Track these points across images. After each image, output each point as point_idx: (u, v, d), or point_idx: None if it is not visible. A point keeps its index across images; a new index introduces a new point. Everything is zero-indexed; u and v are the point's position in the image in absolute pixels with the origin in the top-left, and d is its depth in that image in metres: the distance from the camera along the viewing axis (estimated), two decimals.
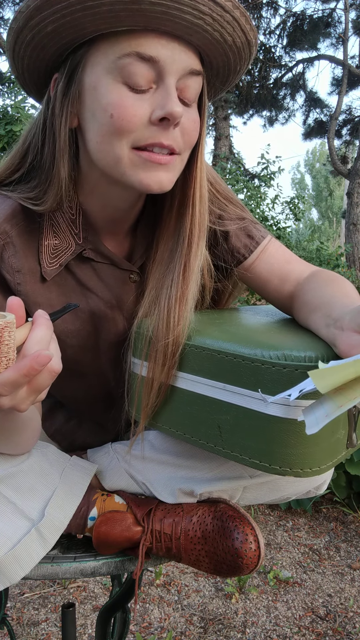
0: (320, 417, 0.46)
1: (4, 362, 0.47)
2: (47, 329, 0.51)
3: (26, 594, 1.71)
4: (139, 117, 0.60)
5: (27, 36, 0.61)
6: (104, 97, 0.60)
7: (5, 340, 0.47)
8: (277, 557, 1.93)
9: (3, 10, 7.83)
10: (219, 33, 0.61)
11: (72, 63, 0.63)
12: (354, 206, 7.84)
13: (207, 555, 0.72)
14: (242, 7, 0.60)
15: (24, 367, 0.47)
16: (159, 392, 0.69)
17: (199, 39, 0.61)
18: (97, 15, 0.57)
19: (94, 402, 0.88)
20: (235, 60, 0.66)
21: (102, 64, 0.60)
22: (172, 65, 0.60)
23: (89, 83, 0.62)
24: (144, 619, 1.59)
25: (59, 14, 0.57)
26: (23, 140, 0.73)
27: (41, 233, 0.71)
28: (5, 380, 0.47)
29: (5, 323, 0.46)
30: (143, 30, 0.58)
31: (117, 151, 0.62)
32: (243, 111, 9.86)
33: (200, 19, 0.58)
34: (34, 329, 0.50)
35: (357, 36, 8.79)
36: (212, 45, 0.62)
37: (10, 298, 0.50)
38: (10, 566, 0.66)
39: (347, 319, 0.55)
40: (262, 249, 0.82)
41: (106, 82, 0.60)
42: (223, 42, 0.62)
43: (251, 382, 0.59)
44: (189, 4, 0.56)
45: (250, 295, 3.67)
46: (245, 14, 0.61)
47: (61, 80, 0.64)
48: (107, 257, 0.76)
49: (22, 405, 0.51)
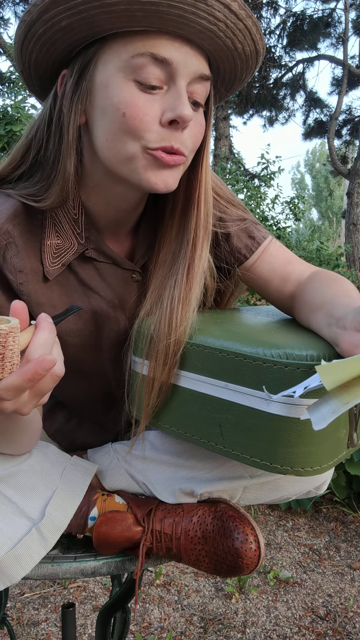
0: (326, 413, 0.46)
1: (8, 367, 0.47)
2: (50, 332, 0.51)
3: (26, 594, 1.71)
4: (150, 116, 0.61)
5: (39, 30, 0.60)
6: (116, 95, 0.61)
7: (9, 346, 0.47)
8: (277, 557, 1.93)
9: (3, 10, 7.83)
10: (231, 40, 0.62)
11: (84, 60, 0.63)
12: (354, 206, 7.84)
13: (207, 555, 0.72)
14: (255, 17, 0.61)
15: (28, 372, 0.47)
16: (160, 392, 0.69)
17: (211, 44, 0.62)
18: (114, 14, 0.57)
19: (94, 402, 0.87)
20: (242, 68, 0.67)
21: (115, 63, 0.60)
22: (184, 68, 0.61)
23: (100, 81, 0.62)
24: (144, 619, 1.59)
25: (75, 9, 0.57)
26: (26, 135, 0.73)
27: (43, 233, 0.71)
28: (9, 385, 0.47)
29: (9, 328, 0.46)
30: (157, 32, 0.59)
31: (130, 150, 0.63)
32: (243, 111, 9.86)
33: (215, 25, 0.59)
34: (37, 332, 0.50)
35: (357, 36, 8.79)
36: (222, 51, 0.63)
37: (14, 302, 0.50)
38: (10, 566, 0.66)
39: (350, 318, 0.55)
40: (263, 249, 0.82)
41: (118, 80, 0.60)
42: (233, 49, 0.63)
43: (253, 381, 0.59)
44: (205, 9, 0.57)
45: (250, 295, 3.67)
46: (257, 23, 0.62)
47: (71, 76, 0.64)
48: (109, 257, 0.76)
49: (25, 409, 0.52)
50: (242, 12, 0.59)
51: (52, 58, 0.65)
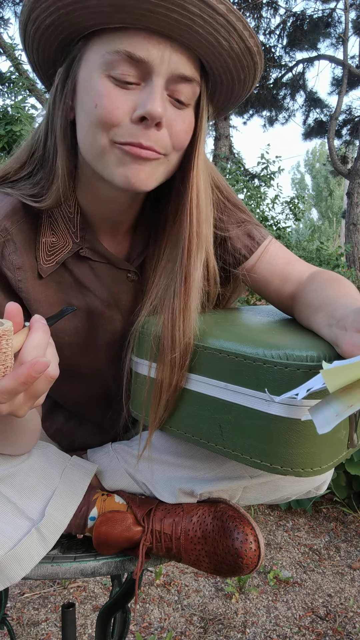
0: (330, 416, 0.46)
1: (2, 370, 0.47)
2: (44, 333, 0.51)
3: (26, 594, 1.71)
4: (121, 110, 0.60)
5: (31, 29, 0.63)
6: (92, 88, 0.61)
7: (2, 349, 0.46)
8: (277, 557, 1.93)
9: (3, 10, 7.83)
10: (213, 36, 0.60)
11: (71, 57, 0.64)
12: (354, 206, 7.84)
13: (207, 555, 0.72)
14: (239, 12, 0.59)
15: (22, 374, 0.47)
16: (167, 403, 0.69)
17: (191, 40, 0.60)
18: (87, 10, 0.58)
19: (92, 402, 0.87)
20: (237, 67, 0.65)
21: (94, 59, 0.61)
22: (161, 65, 0.60)
23: (82, 77, 0.63)
24: (144, 619, 1.59)
25: (53, 7, 0.59)
26: (33, 134, 0.73)
27: (39, 230, 0.71)
28: (4, 389, 0.47)
29: (2, 331, 0.46)
30: (134, 28, 0.59)
31: (100, 143, 0.62)
32: (243, 111, 9.85)
33: (189, 19, 0.57)
34: (30, 334, 0.50)
35: (357, 36, 8.79)
36: (207, 48, 0.61)
37: (8, 304, 0.50)
38: (10, 566, 0.66)
39: (350, 319, 0.55)
40: (263, 249, 0.82)
41: (96, 75, 0.61)
42: (218, 46, 0.61)
43: (253, 382, 0.59)
44: (176, 3, 0.56)
45: (250, 295, 3.67)
46: (242, 19, 0.60)
47: (60, 74, 0.66)
48: (103, 257, 0.76)
49: (20, 411, 0.52)
50: (221, 6, 0.57)
51: (51, 56, 0.67)
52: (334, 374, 0.45)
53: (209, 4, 0.57)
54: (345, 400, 0.46)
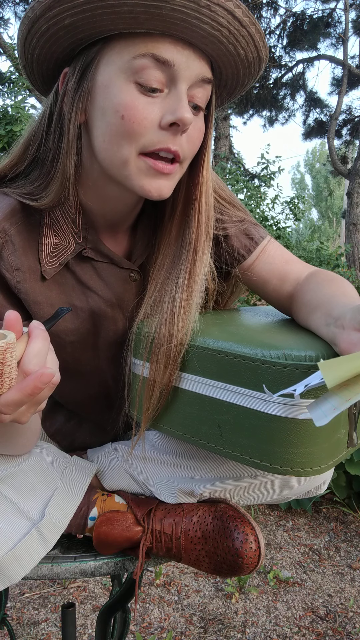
0: (327, 410, 0.47)
1: (7, 383, 0.47)
2: (44, 340, 0.51)
3: (26, 594, 1.71)
4: (149, 120, 0.61)
5: (42, 26, 0.60)
6: (116, 96, 0.61)
7: (7, 361, 0.46)
8: (277, 557, 1.93)
9: (3, 10, 7.83)
10: (233, 46, 0.62)
11: (86, 59, 0.63)
12: (354, 206, 7.84)
13: (207, 555, 0.72)
14: (259, 24, 0.61)
15: (28, 387, 0.47)
16: (160, 396, 0.69)
17: (214, 49, 0.62)
18: (117, 15, 0.57)
19: (92, 402, 0.88)
20: (245, 74, 0.68)
21: (116, 63, 0.61)
22: (186, 71, 0.61)
23: (101, 81, 0.62)
24: (144, 619, 1.59)
25: (78, 8, 0.57)
26: (29, 133, 0.73)
27: (41, 232, 0.71)
28: (10, 401, 0.48)
29: (6, 345, 0.46)
30: (160, 34, 0.59)
31: (125, 154, 0.63)
32: (243, 111, 9.85)
33: (218, 31, 0.59)
34: (30, 341, 0.50)
35: (357, 36, 8.79)
36: (225, 57, 0.63)
37: (7, 313, 0.50)
38: (10, 566, 0.66)
39: (348, 318, 0.55)
40: (262, 249, 0.82)
41: (119, 81, 0.61)
42: (236, 55, 0.63)
43: (252, 382, 0.59)
44: (209, 15, 0.57)
45: (250, 296, 3.67)
46: (260, 30, 0.62)
47: (73, 75, 0.64)
48: (106, 257, 0.76)
49: (23, 418, 0.52)
50: (246, 19, 0.60)
51: (55, 55, 0.65)
52: (330, 366, 0.45)
53: (237, 17, 0.59)
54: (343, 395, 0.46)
